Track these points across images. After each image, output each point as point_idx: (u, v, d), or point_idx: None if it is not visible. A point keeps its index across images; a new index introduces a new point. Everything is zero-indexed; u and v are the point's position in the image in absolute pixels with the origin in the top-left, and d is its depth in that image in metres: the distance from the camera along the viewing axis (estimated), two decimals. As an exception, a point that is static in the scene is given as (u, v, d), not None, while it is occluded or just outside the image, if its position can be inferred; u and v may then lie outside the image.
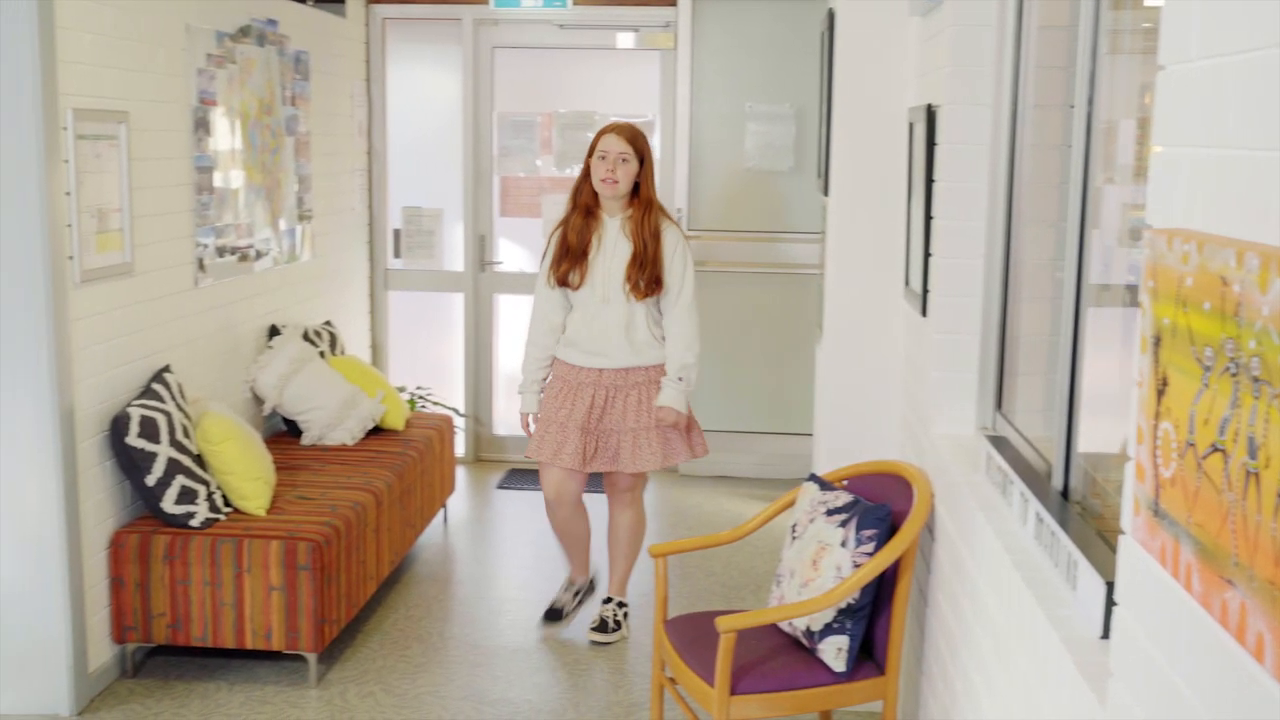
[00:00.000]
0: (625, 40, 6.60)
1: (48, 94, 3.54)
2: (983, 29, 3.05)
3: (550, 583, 5.06)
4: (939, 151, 3.22)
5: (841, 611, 3.05)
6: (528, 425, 4.39)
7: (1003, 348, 3.05)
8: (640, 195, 4.22)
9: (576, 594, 4.65)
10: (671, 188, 6.54)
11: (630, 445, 4.23)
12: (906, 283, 3.76)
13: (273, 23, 5.16)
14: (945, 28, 3.18)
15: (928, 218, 3.34)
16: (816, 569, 3.10)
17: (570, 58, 6.80)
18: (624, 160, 4.17)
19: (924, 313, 3.32)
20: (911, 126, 3.67)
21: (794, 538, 3.28)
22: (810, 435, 5.78)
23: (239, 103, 4.84)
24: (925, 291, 3.30)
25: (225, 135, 4.73)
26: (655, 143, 6.64)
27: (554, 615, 4.55)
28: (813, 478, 3.41)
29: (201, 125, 4.52)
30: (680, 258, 4.23)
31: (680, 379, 4.21)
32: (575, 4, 6.44)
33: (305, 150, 5.57)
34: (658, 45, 6.53)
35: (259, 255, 5.08)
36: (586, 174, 4.25)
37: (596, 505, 4.73)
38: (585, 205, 4.25)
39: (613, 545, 4.51)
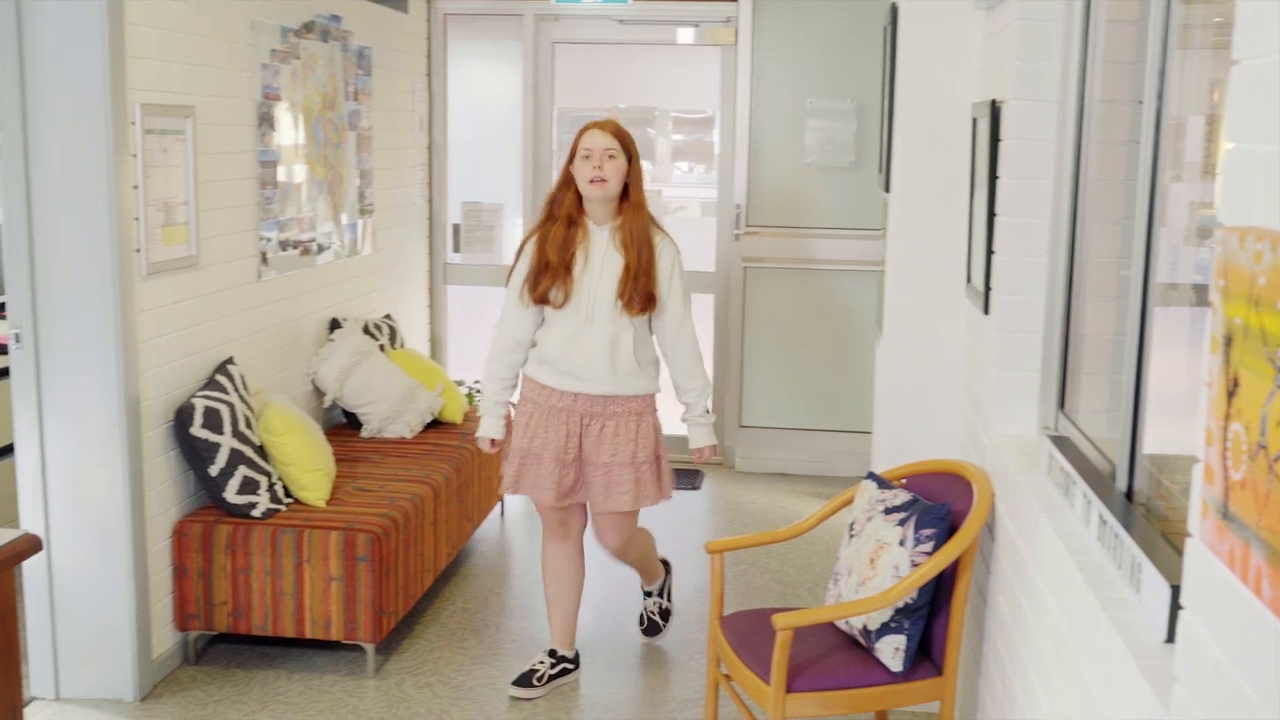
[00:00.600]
0: (685, 35, 6.59)
1: (116, 89, 3.60)
2: (1049, 23, 3.01)
3: (606, 574, 5.06)
4: (1003, 147, 3.18)
5: (899, 611, 3.03)
6: (498, 451, 4.01)
7: (1066, 346, 3.01)
8: (629, 199, 3.78)
9: (556, 664, 4.01)
10: (731, 184, 6.53)
11: (602, 482, 3.82)
12: (968, 280, 3.72)
13: (336, 18, 5.20)
14: (1011, 22, 3.14)
15: (991, 214, 3.30)
16: (874, 568, 3.08)
17: (630, 53, 6.80)
18: (611, 156, 3.73)
19: (986, 310, 3.29)
20: (975, 122, 3.63)
21: (851, 536, 3.26)
22: (868, 433, 5.74)
23: (302, 98, 4.89)
24: (987, 289, 3.27)
25: (289, 130, 4.78)
26: (714, 139, 6.63)
27: (524, 680, 3.94)
28: (871, 476, 3.39)
29: (265, 120, 4.57)
30: (678, 275, 3.85)
31: (708, 411, 3.97)
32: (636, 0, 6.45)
33: (367, 145, 5.62)
34: (718, 40, 6.51)
35: (321, 249, 5.13)
36: (566, 181, 3.79)
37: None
38: (567, 216, 3.77)
39: (629, 564, 4.22)
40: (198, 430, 3.91)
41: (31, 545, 2.55)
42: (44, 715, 3.74)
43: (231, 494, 3.96)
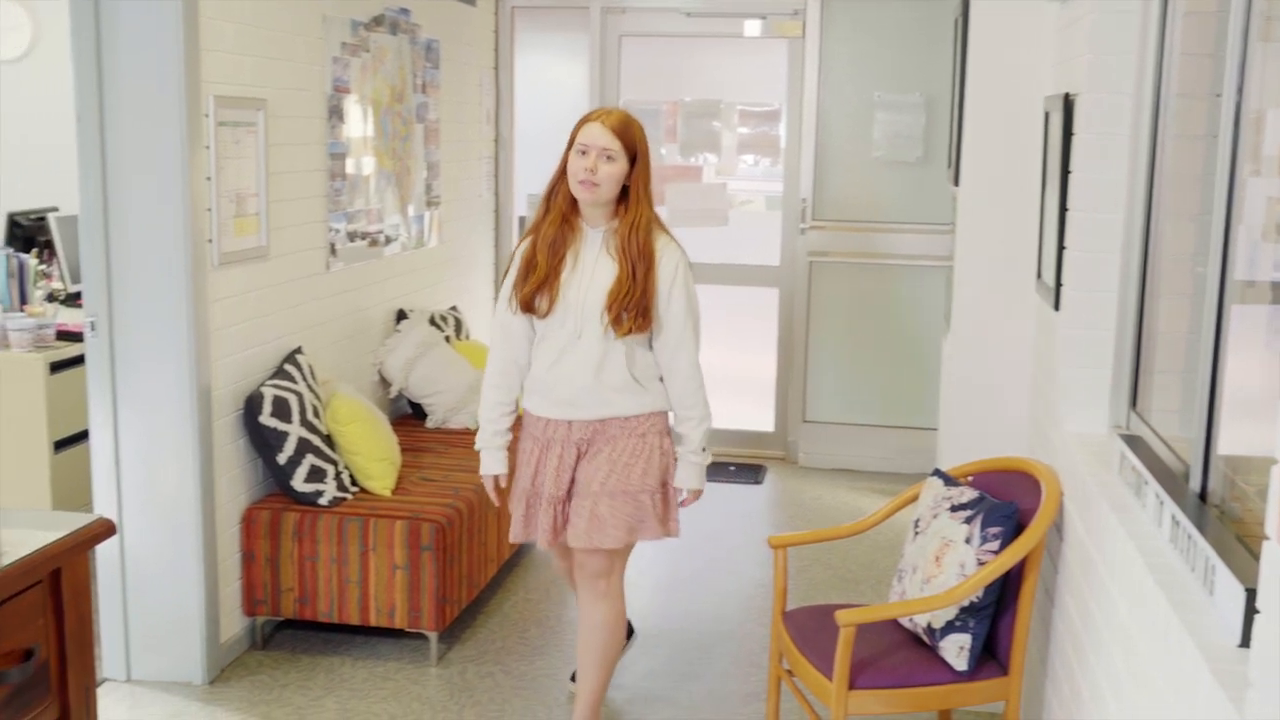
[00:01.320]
0: (752, 28, 6.56)
1: (191, 82, 3.65)
2: (1124, 14, 2.96)
3: (669, 570, 5.07)
4: (1076, 141, 3.13)
5: (964, 609, 3.00)
6: (499, 493, 3.49)
7: (1139, 344, 2.95)
8: (629, 202, 3.29)
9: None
10: (797, 177, 6.49)
11: (587, 513, 3.31)
12: (1038, 276, 3.67)
13: (405, 12, 5.24)
14: (1085, 14, 3.09)
15: (1063, 209, 3.25)
16: (939, 565, 3.05)
17: (697, 46, 6.79)
18: (608, 158, 3.23)
19: (1056, 307, 3.24)
20: (1047, 116, 3.58)
21: (916, 533, 3.23)
22: (934, 430, 5.69)
23: (371, 90, 4.94)
24: (1058, 285, 3.22)
25: (358, 122, 4.82)
26: (780, 132, 6.60)
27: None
28: (937, 473, 3.35)
29: (335, 112, 4.62)
30: (681, 286, 3.33)
31: (704, 449, 3.41)
32: (703, -8, 6.43)
33: (434, 137, 5.66)
34: (785, 33, 6.48)
35: (388, 240, 5.18)
36: (564, 171, 3.31)
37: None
38: (561, 211, 3.32)
39: (581, 651, 3.50)
40: (267, 419, 3.96)
41: (105, 529, 2.60)
42: (115, 696, 3.81)
43: (299, 482, 4.01)
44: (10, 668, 2.34)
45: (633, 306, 3.23)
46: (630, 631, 3.84)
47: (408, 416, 5.31)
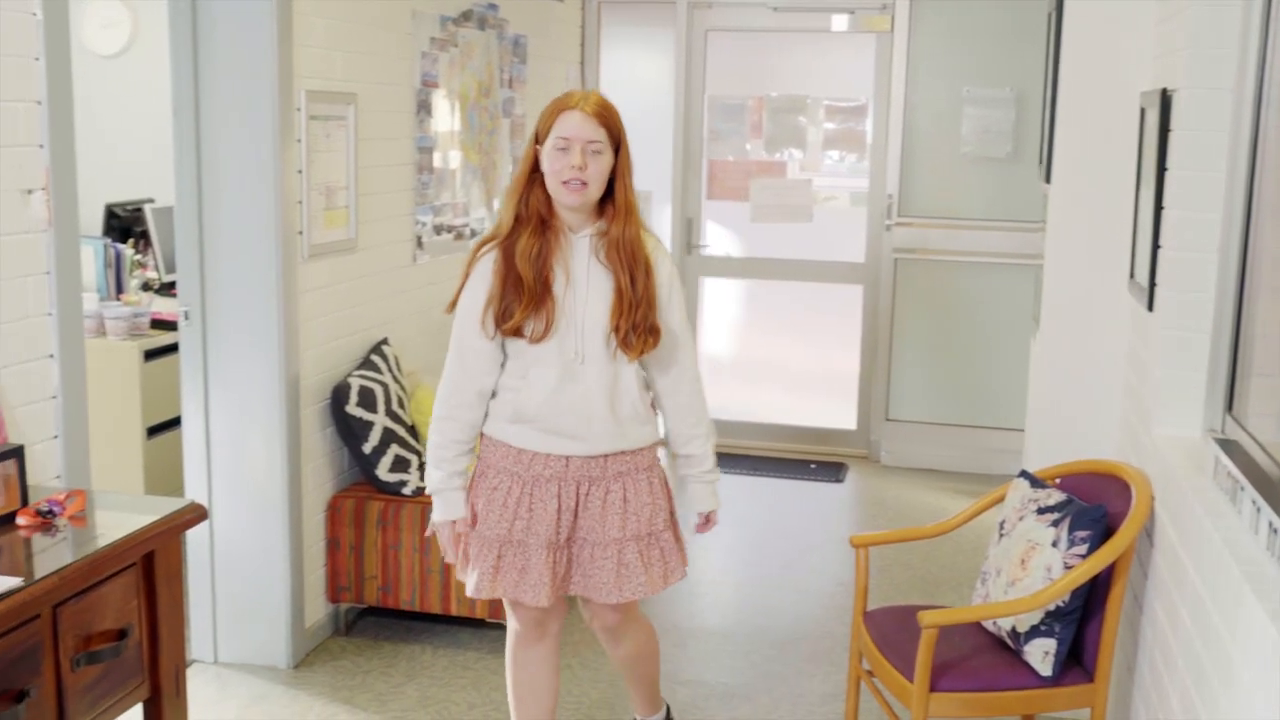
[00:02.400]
0: (840, 23, 6.50)
1: (284, 77, 3.71)
2: (1225, 8, 2.88)
3: (749, 568, 5.05)
4: (1173, 138, 3.06)
5: (1050, 614, 2.95)
6: (457, 540, 2.98)
7: (1236, 346, 2.88)
8: (616, 199, 2.85)
9: None
10: (883, 173, 6.43)
11: (613, 564, 2.91)
12: (1132, 275, 3.59)
13: (494, 7, 5.28)
14: (1185, 7, 3.01)
15: (1158, 208, 3.18)
16: (1025, 568, 3.00)
17: (783, 40, 6.75)
18: (595, 152, 2.77)
19: (1150, 307, 3.17)
20: (1144, 112, 3.50)
21: (1002, 535, 3.19)
22: (1020, 431, 5.60)
23: (459, 85, 4.98)
24: (1153, 285, 3.15)
25: (445, 117, 4.87)
26: (867, 127, 6.54)
27: None
28: (1023, 474, 3.30)
29: (424, 107, 4.66)
30: (676, 286, 2.97)
31: (716, 467, 3.10)
32: (790, -14, 6.39)
33: (520, 132, 5.69)
34: (873, 28, 6.42)
35: (473, 234, 5.22)
36: (534, 167, 2.84)
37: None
38: (539, 216, 2.83)
39: (627, 678, 3.32)
40: (353, 409, 4.01)
41: (197, 514, 2.66)
42: (204, 678, 3.89)
43: (383, 471, 4.06)
44: (104, 647, 2.40)
45: (641, 323, 2.83)
46: (668, 714, 3.45)
47: (490, 409, 5.34)
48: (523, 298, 2.79)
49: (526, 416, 2.87)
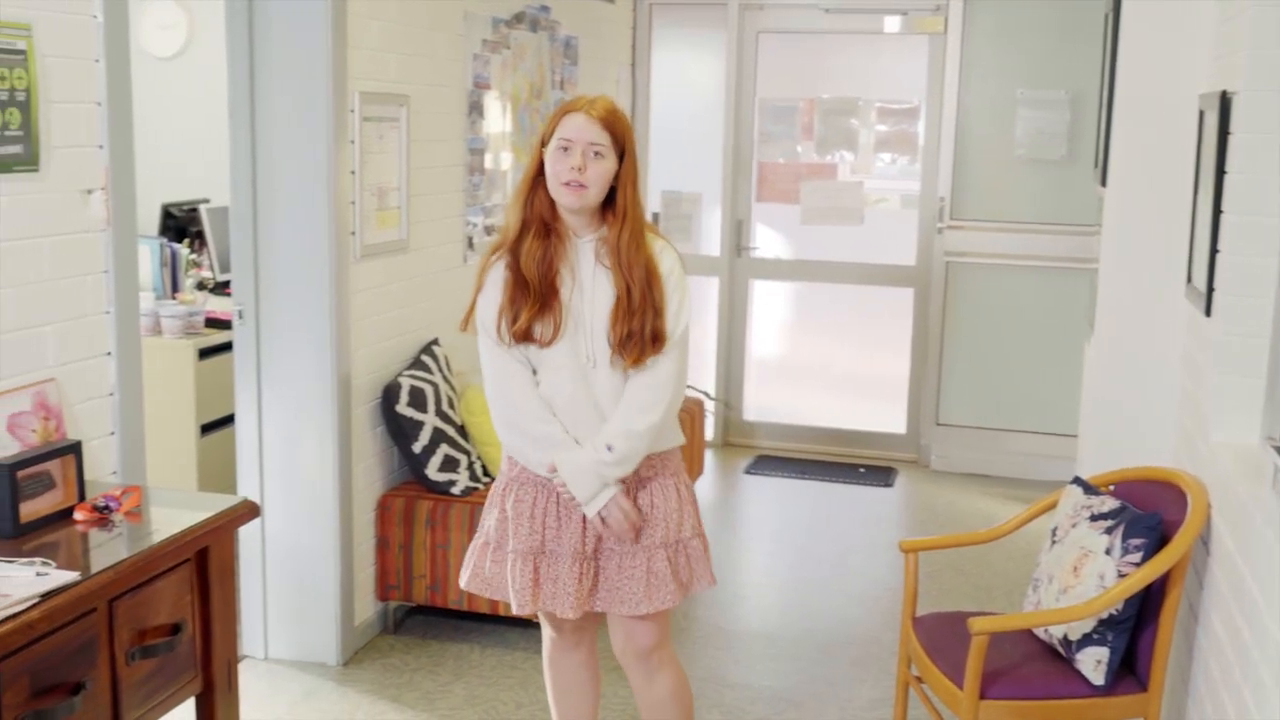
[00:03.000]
0: (892, 24, 6.46)
1: (338, 78, 3.74)
2: (1288, 9, 2.84)
3: (796, 571, 5.03)
4: (1233, 141, 3.01)
5: (1103, 622, 2.91)
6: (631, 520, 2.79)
7: (1296, 353, 2.83)
8: (616, 206, 2.78)
9: None
10: (935, 176, 6.39)
11: (643, 572, 2.81)
12: (1189, 280, 3.54)
13: (545, 9, 5.29)
14: (1245, 8, 2.97)
15: (1216, 211, 3.13)
16: (1077, 576, 2.97)
17: (835, 42, 6.72)
18: (597, 154, 2.73)
19: (1207, 312, 3.13)
20: (1202, 114, 3.45)
21: (1054, 542, 3.15)
22: (1072, 436, 5.54)
23: (511, 86, 5.00)
24: (1210, 290, 3.10)
25: (497, 118, 4.89)
26: (919, 130, 6.49)
27: None
28: (1076, 480, 3.27)
29: (475, 108, 4.69)
30: (674, 288, 2.81)
31: (610, 447, 2.73)
32: (843, -12, 6.36)
33: (571, 133, 5.69)
34: (926, 29, 6.37)
35: (524, 235, 5.23)
36: (539, 172, 2.79)
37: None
38: (541, 220, 2.79)
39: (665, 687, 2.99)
40: (403, 408, 4.04)
41: (250, 511, 2.68)
42: (254, 673, 3.93)
43: (433, 471, 4.08)
44: (158, 641, 2.43)
45: (641, 329, 2.73)
46: None
47: (539, 409, 5.36)
48: (529, 300, 2.75)
49: None
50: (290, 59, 3.72)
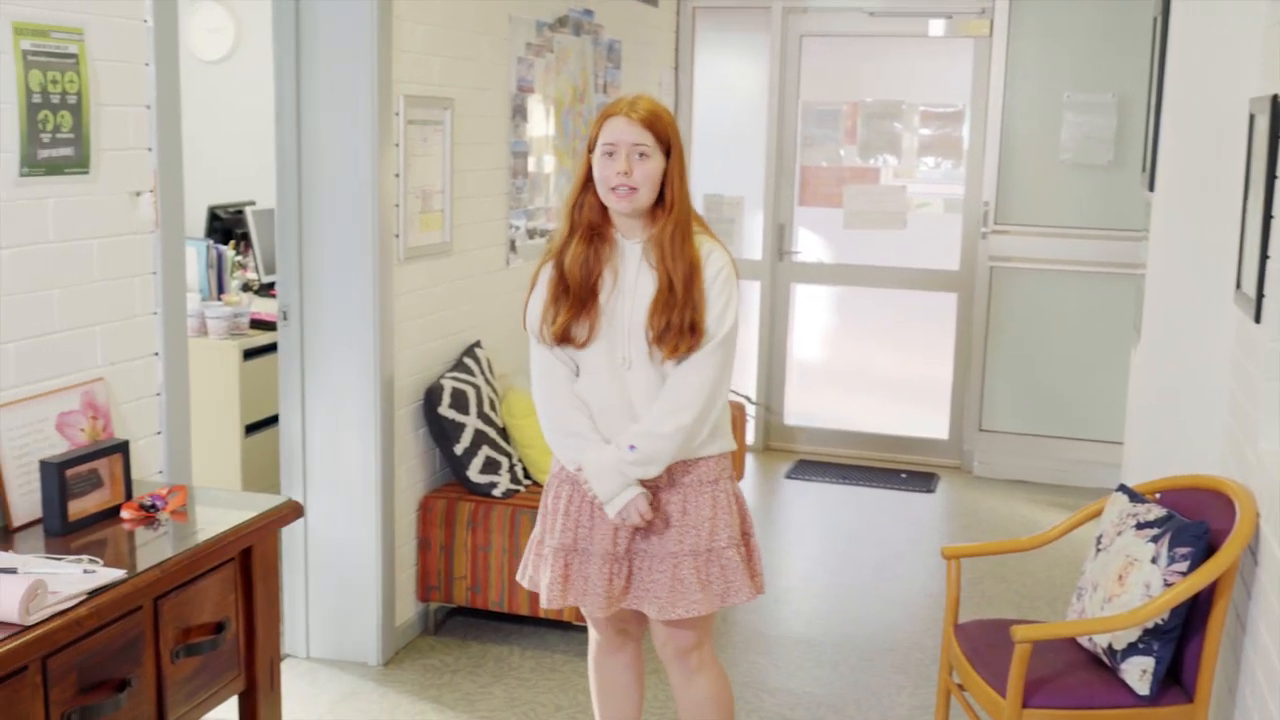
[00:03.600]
0: (937, 27, 6.43)
1: (383, 82, 3.77)
2: (1342, 12, 2.80)
3: (837, 576, 5.01)
4: (1283, 145, 2.97)
5: (1148, 631, 2.88)
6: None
7: (1348, 360, 2.79)
8: (665, 204, 2.78)
9: None
10: (980, 180, 6.34)
11: (667, 579, 2.80)
12: (1238, 286, 3.50)
13: (589, 13, 5.30)
14: (1297, 11, 2.93)
15: (1267, 217, 3.09)
16: (1123, 584, 2.94)
17: (879, 46, 6.69)
18: (641, 155, 2.73)
19: (1258, 319, 3.08)
20: (1253, 118, 3.40)
21: (1099, 550, 3.12)
22: (1117, 443, 5.48)
23: (554, 90, 5.01)
24: (1260, 296, 3.06)
25: (540, 121, 4.90)
26: (963, 133, 6.45)
27: None
28: (1122, 488, 3.23)
29: (519, 112, 4.70)
30: (721, 288, 2.79)
31: (632, 447, 2.73)
32: (887, -9, 6.34)
33: (614, 137, 5.70)
34: (971, 32, 6.33)
35: (566, 238, 5.24)
36: (588, 177, 2.81)
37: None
38: (590, 224, 2.81)
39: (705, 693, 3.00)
40: (445, 410, 4.06)
41: (294, 511, 2.70)
42: (296, 672, 3.95)
43: (474, 473, 4.10)
44: (203, 639, 2.45)
45: (677, 321, 2.72)
46: None
47: (580, 412, 5.37)
48: (568, 302, 2.79)
49: None
50: (336, 62, 3.74)
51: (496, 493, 4.12)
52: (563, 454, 2.87)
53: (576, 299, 2.79)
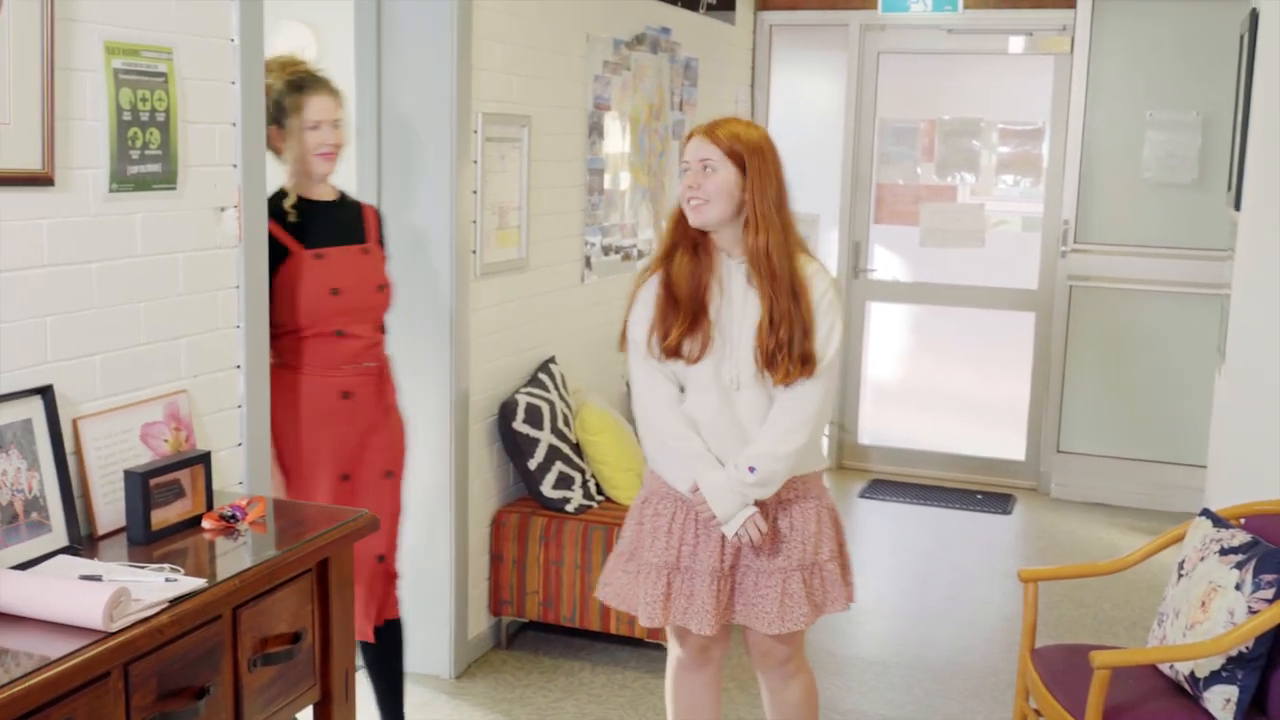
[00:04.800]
0: (1016, 45, 6.37)
1: (462, 99, 3.81)
2: None
3: (911, 598, 4.96)
4: (1376, 164, 2.90)
5: (1232, 660, 2.81)
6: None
7: None
8: (749, 221, 2.79)
9: None
10: (1059, 198, 6.26)
11: (777, 593, 2.84)
12: (1327, 307, 3.41)
13: (666, 30, 5.32)
14: (1391, 27, 2.86)
15: (1358, 237, 3.02)
16: (1205, 611, 2.87)
17: (957, 63, 6.64)
18: (708, 168, 2.77)
19: (1347, 341, 3.01)
20: (1343, 136, 3.33)
21: (1181, 575, 3.06)
22: (1199, 467, 5.37)
23: (630, 107, 5.04)
24: (1350, 318, 2.99)
25: (616, 139, 4.93)
26: (1042, 151, 6.37)
27: None
28: (1205, 513, 3.16)
29: (595, 129, 4.73)
30: (826, 310, 2.80)
31: (752, 469, 2.76)
32: (966, 8, 6.28)
33: (689, 154, 5.71)
34: (1052, 49, 6.26)
35: (640, 255, 5.26)
36: None
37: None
38: (693, 239, 2.84)
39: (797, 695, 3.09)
40: (519, 425, 4.08)
41: (369, 524, 2.73)
42: (370, 683, 3.98)
43: (548, 488, 4.11)
44: (279, 649, 2.48)
45: (789, 347, 2.74)
46: None
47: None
48: (680, 316, 2.81)
49: None
50: (416, 80, 3.79)
51: (569, 508, 4.13)
52: (674, 473, 2.87)
53: (687, 312, 2.80)
